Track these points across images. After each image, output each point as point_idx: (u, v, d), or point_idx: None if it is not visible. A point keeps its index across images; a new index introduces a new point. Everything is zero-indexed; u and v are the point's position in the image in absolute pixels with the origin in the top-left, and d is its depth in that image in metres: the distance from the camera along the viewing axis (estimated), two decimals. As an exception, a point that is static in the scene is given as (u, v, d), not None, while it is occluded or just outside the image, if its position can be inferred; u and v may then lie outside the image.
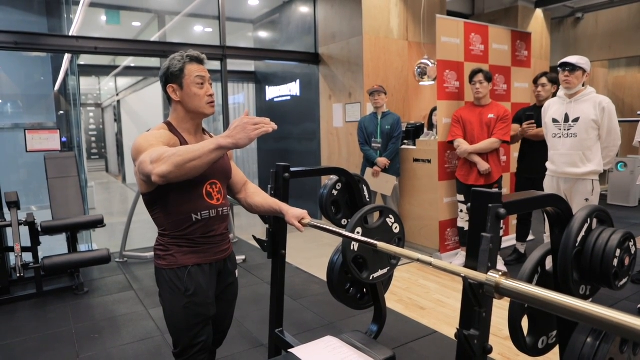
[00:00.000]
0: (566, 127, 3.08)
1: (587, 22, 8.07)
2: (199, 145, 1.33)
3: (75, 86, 5.30)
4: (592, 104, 3.00)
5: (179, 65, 1.57)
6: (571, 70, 3.00)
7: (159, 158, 1.32)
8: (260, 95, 7.47)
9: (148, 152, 1.39)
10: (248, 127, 1.32)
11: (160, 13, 6.78)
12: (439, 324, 2.91)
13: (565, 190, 3.12)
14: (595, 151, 3.03)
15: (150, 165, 1.34)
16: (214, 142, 1.32)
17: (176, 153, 1.32)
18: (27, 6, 5.18)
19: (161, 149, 1.37)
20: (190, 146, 1.35)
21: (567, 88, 3.06)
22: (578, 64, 2.98)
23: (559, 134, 3.13)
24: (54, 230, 3.67)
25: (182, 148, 1.36)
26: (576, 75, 3.00)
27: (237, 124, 1.34)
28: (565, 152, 3.09)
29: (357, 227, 1.72)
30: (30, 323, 3.10)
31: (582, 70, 3.00)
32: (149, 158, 1.35)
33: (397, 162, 4.44)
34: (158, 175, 1.31)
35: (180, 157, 1.30)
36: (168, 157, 1.31)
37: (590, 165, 3.02)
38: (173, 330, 1.61)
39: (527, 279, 1.20)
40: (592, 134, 3.01)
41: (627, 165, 6.70)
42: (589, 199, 3.04)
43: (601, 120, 2.98)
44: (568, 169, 3.08)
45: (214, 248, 1.65)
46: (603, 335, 1.06)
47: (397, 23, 5.29)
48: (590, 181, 3.04)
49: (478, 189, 1.10)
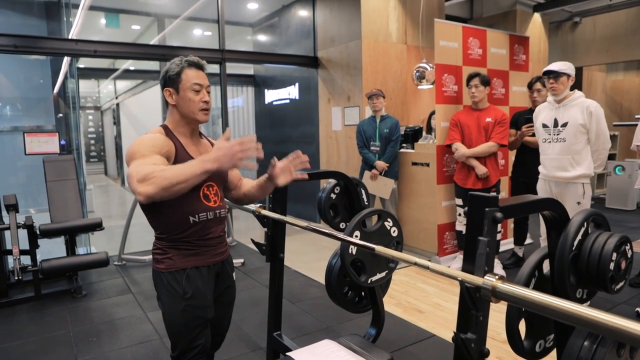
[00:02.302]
0: (555, 132, 3.13)
1: (585, 26, 8.11)
2: (187, 168, 1.35)
3: (74, 89, 5.31)
4: (580, 108, 3.04)
5: (176, 69, 1.57)
6: (555, 77, 3.05)
7: (145, 177, 1.32)
8: (259, 99, 7.48)
9: (136, 167, 1.37)
10: (235, 154, 1.37)
11: (159, 16, 6.79)
12: (437, 328, 2.92)
13: (556, 193, 3.17)
14: (584, 155, 3.08)
15: (136, 183, 1.33)
16: (202, 166, 1.35)
17: (163, 175, 1.32)
18: (26, 9, 5.20)
19: (148, 168, 1.35)
20: (178, 168, 1.36)
21: (554, 94, 3.12)
22: (561, 70, 3.03)
23: (548, 138, 3.19)
24: (53, 233, 3.67)
25: (169, 170, 1.35)
26: (561, 81, 3.05)
27: (224, 151, 1.36)
28: (555, 157, 3.14)
29: (355, 230, 1.73)
30: (28, 326, 3.09)
31: (566, 76, 3.05)
32: (136, 175, 1.34)
33: (396, 166, 4.45)
34: (143, 196, 1.32)
35: (167, 180, 1.31)
36: (155, 179, 1.31)
37: (580, 169, 3.07)
38: (171, 333, 1.62)
39: (524, 283, 1.20)
40: (580, 138, 3.05)
41: (625, 169, 6.71)
42: (581, 202, 3.09)
43: (589, 125, 3.02)
44: (558, 173, 3.14)
45: (211, 250, 1.65)
46: (600, 338, 1.07)
47: (395, 27, 5.32)
48: (581, 184, 3.09)
49: (475, 193, 1.10)
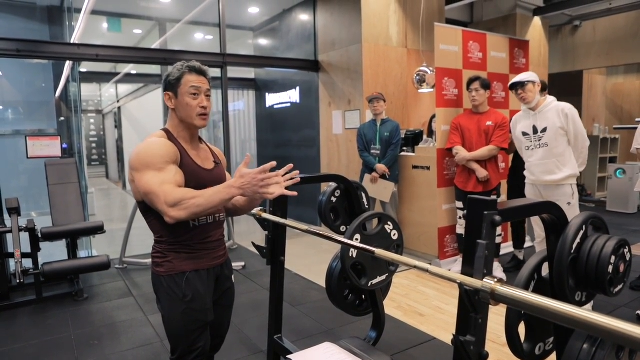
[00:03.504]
0: (536, 138, 3.22)
1: (585, 30, 8.12)
2: (217, 196, 1.42)
3: (76, 93, 5.33)
4: (556, 112, 3.14)
5: (177, 74, 1.58)
6: (522, 87, 3.18)
7: (176, 203, 1.40)
8: (260, 102, 7.50)
9: (162, 188, 1.43)
10: (257, 185, 1.41)
11: (161, 20, 6.82)
12: (437, 331, 2.91)
13: (546, 196, 3.21)
14: (568, 156, 3.16)
15: (165, 205, 1.41)
16: (229, 193, 1.43)
17: (196, 203, 1.41)
18: (29, 14, 5.23)
19: (178, 194, 1.42)
20: (209, 196, 1.42)
21: (527, 103, 3.22)
22: (524, 79, 3.18)
23: (531, 145, 3.27)
24: (54, 236, 3.68)
25: (200, 198, 1.42)
26: (528, 89, 3.17)
27: (248, 179, 1.41)
28: (540, 162, 3.22)
29: (356, 233, 1.73)
30: (30, 329, 3.09)
31: (531, 83, 3.17)
32: (164, 197, 1.42)
33: (396, 169, 4.46)
34: (174, 219, 1.42)
35: (199, 207, 1.41)
36: (188, 207, 1.40)
37: (566, 170, 3.14)
38: (171, 336, 1.62)
39: (523, 286, 1.21)
40: (561, 140, 3.14)
41: (626, 172, 6.71)
42: (571, 202, 3.15)
43: (567, 126, 3.12)
44: (546, 177, 3.21)
45: (211, 254, 1.66)
46: (599, 341, 1.07)
47: (396, 31, 5.34)
48: (569, 185, 3.17)
49: (474, 197, 1.11)
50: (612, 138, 8.05)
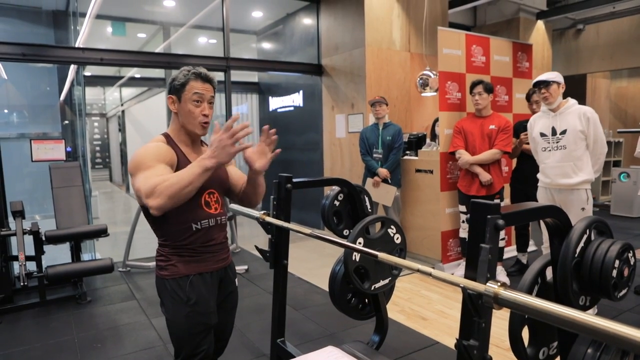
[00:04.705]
0: (555, 139, 3.16)
1: (589, 34, 8.12)
2: (188, 172, 1.40)
3: (80, 96, 5.37)
4: (577, 115, 3.09)
5: (182, 79, 1.58)
6: (546, 86, 3.12)
7: (152, 191, 1.38)
8: (264, 106, 7.52)
9: (142, 181, 1.42)
10: (226, 146, 1.41)
11: (165, 24, 6.87)
12: (440, 335, 2.90)
13: (559, 201, 3.16)
14: (585, 160, 3.10)
15: (145, 199, 1.40)
16: (201, 165, 1.41)
17: (167, 184, 1.37)
18: (35, 18, 5.27)
19: (152, 182, 1.40)
20: (180, 174, 1.40)
21: (548, 103, 3.17)
22: (549, 79, 3.11)
23: (548, 147, 3.21)
24: (58, 239, 3.69)
25: (172, 177, 1.40)
26: (552, 89, 3.11)
27: (215, 144, 1.41)
28: (556, 164, 3.16)
29: (359, 237, 1.73)
30: (33, 332, 3.10)
31: (556, 84, 3.11)
32: (144, 190, 1.40)
33: (398, 173, 4.46)
34: (155, 209, 1.39)
35: (171, 187, 1.37)
36: (161, 191, 1.37)
37: (582, 175, 3.09)
38: (175, 339, 1.62)
39: (526, 290, 1.20)
40: (580, 144, 3.09)
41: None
42: (585, 208, 3.10)
43: (587, 130, 3.06)
44: (561, 180, 3.14)
45: (214, 257, 1.67)
46: (603, 346, 1.06)
47: (399, 35, 5.35)
48: (584, 190, 3.11)
49: (477, 200, 1.11)
50: (616, 142, 8.03)
